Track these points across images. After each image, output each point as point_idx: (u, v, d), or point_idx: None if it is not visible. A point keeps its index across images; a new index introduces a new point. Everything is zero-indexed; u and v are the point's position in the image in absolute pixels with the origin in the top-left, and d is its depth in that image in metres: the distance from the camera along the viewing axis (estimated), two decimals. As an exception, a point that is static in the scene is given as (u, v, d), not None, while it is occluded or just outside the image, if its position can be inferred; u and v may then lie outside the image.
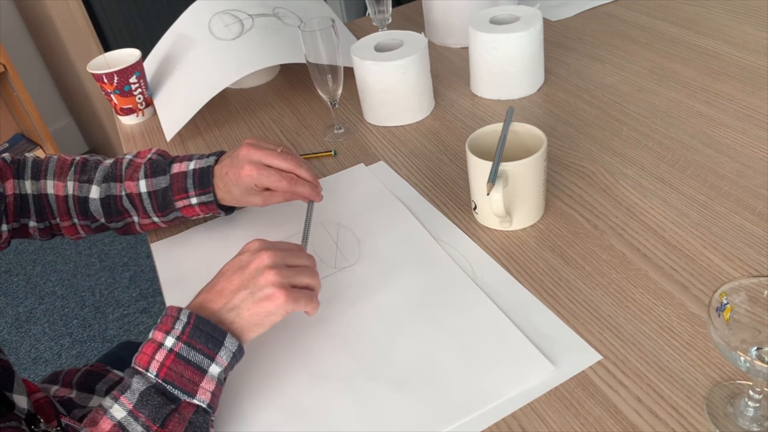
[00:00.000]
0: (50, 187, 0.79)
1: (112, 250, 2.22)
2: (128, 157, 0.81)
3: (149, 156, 0.81)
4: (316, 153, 0.98)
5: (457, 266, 0.72)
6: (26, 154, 0.82)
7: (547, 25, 1.23)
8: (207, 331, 0.58)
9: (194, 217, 0.81)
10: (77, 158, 0.81)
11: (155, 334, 0.59)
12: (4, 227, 0.78)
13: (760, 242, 0.68)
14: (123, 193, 0.79)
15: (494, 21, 1.01)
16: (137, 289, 2.03)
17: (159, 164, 0.79)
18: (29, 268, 2.21)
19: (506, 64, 0.99)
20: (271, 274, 0.60)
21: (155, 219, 0.80)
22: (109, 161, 0.81)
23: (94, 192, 0.79)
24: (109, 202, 0.79)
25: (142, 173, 0.78)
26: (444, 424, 0.56)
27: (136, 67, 1.11)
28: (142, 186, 0.78)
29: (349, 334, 0.66)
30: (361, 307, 0.69)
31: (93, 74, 1.10)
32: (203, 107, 1.10)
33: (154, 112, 1.18)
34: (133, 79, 1.11)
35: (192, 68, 1.12)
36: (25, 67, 2.55)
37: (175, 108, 1.10)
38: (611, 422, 0.54)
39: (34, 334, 1.94)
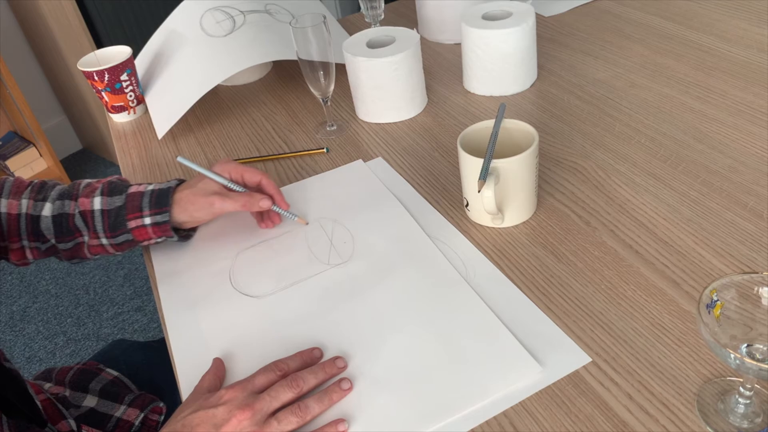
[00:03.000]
0: (3, 206, 0.77)
1: (107, 248, 2.22)
2: (87, 180, 0.80)
3: (108, 179, 0.80)
4: (309, 150, 0.97)
5: (449, 264, 0.72)
6: None
7: (540, 20, 1.22)
8: None
9: (145, 242, 0.78)
10: (35, 181, 0.80)
11: None
12: None
13: (751, 238, 0.68)
14: (76, 211, 0.76)
15: (486, 17, 1.01)
16: (131, 287, 2.03)
17: (117, 185, 0.78)
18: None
19: (499, 60, 0.98)
20: None
21: (104, 241, 0.77)
22: (66, 184, 0.80)
23: (47, 209, 0.77)
24: (61, 220, 0.76)
25: (98, 191, 0.77)
26: (429, 423, 0.56)
27: (127, 65, 1.10)
28: (96, 203, 0.76)
29: (339, 332, 0.66)
30: (351, 304, 0.69)
31: (84, 72, 1.09)
32: (195, 104, 1.10)
33: (146, 110, 1.18)
34: (124, 77, 1.11)
35: (183, 65, 1.11)
36: (18, 64, 2.53)
37: (167, 105, 1.09)
38: (602, 420, 0.54)
39: (28, 333, 1.93)
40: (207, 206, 0.75)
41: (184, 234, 0.80)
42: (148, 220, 0.75)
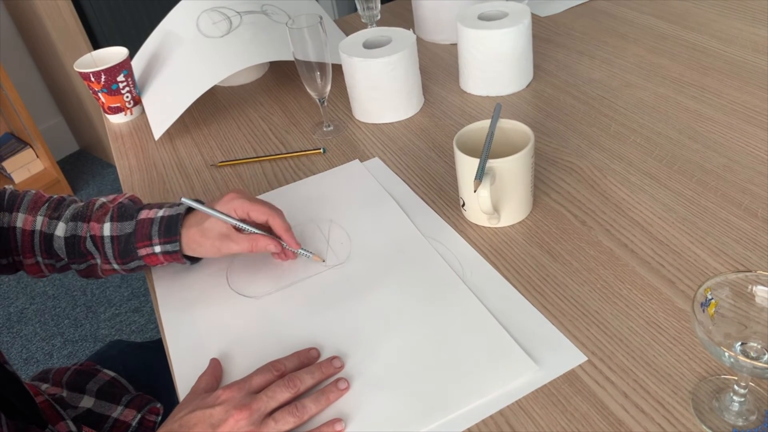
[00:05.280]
0: (20, 220, 0.76)
1: (104, 249, 2.21)
2: (102, 199, 0.78)
3: (121, 200, 0.77)
4: (305, 150, 0.97)
5: (446, 264, 0.72)
6: (6, 187, 0.79)
7: (536, 20, 1.23)
8: None
9: (157, 266, 0.77)
10: (54, 196, 0.79)
11: None
12: None
13: (746, 237, 0.69)
14: (87, 234, 0.75)
15: (482, 17, 1.01)
16: (129, 288, 2.03)
17: (127, 209, 0.75)
18: (20, 268, 2.20)
19: (495, 60, 0.99)
20: None
21: (115, 266, 0.75)
22: (82, 202, 0.78)
23: (60, 230, 0.75)
24: (73, 242, 0.75)
25: (108, 216, 0.74)
26: (426, 422, 0.56)
27: (124, 66, 1.10)
28: (106, 229, 0.74)
29: (336, 332, 0.66)
30: (348, 305, 0.69)
31: (80, 73, 1.09)
32: (192, 105, 1.10)
33: (143, 111, 1.18)
34: (120, 78, 1.11)
35: (180, 66, 1.11)
36: (15, 65, 2.53)
37: (164, 106, 1.09)
38: (598, 418, 0.55)
39: (26, 334, 1.93)
40: (213, 250, 0.72)
41: (197, 259, 0.79)
42: (158, 249, 0.73)
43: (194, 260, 0.78)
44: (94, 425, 0.80)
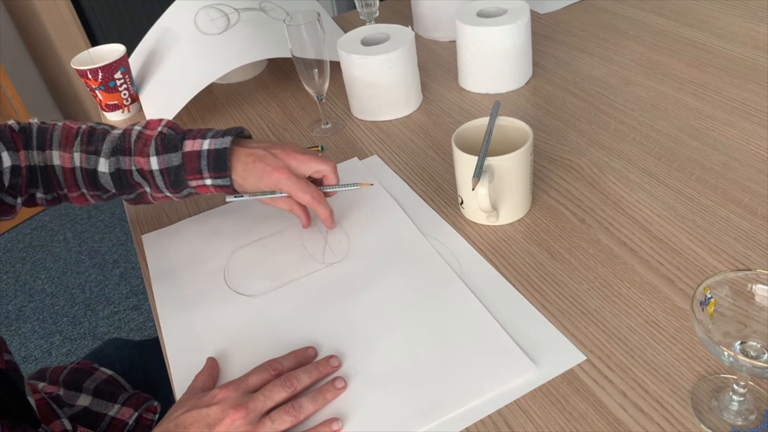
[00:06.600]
0: (56, 158, 0.75)
1: (102, 247, 2.21)
2: (137, 128, 0.76)
3: (159, 129, 0.75)
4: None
5: (444, 263, 0.71)
6: (31, 120, 0.78)
7: (535, 17, 1.22)
8: None
9: (208, 194, 0.78)
10: (83, 126, 0.77)
11: None
12: (19, 200, 0.76)
13: (746, 235, 0.68)
14: (133, 168, 0.74)
15: (481, 14, 1.00)
16: (127, 286, 2.02)
17: (170, 139, 0.74)
18: (18, 266, 2.19)
19: (494, 57, 0.98)
20: None
21: (168, 194, 0.76)
22: (117, 132, 0.76)
23: (103, 165, 0.75)
24: (119, 175, 0.75)
25: (152, 149, 0.74)
26: (423, 422, 0.56)
27: (121, 63, 1.10)
28: (153, 163, 0.74)
29: (334, 331, 0.66)
30: (346, 303, 0.69)
31: (77, 70, 1.09)
32: (189, 102, 1.10)
33: (140, 108, 1.17)
34: (118, 75, 1.10)
35: (178, 63, 1.11)
36: (12, 62, 2.52)
37: (161, 104, 1.09)
38: (596, 417, 0.54)
39: (24, 332, 1.93)
40: (273, 182, 0.73)
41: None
42: (209, 182, 0.74)
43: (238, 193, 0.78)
44: (91, 424, 0.80)
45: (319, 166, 0.75)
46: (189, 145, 0.74)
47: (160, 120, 0.77)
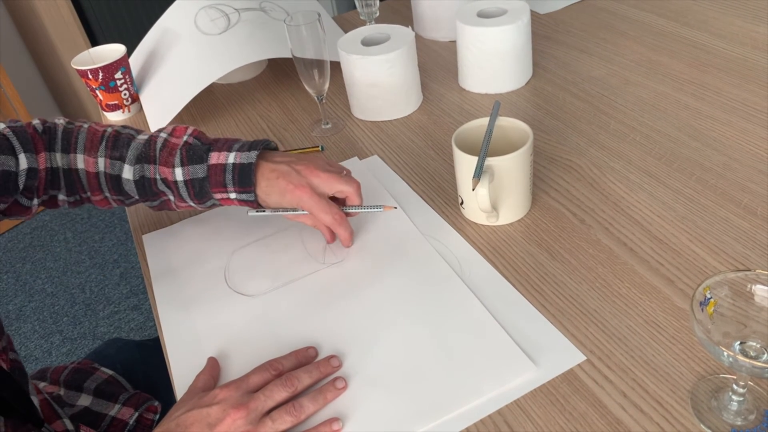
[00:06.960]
0: (80, 161, 0.76)
1: (102, 247, 2.21)
2: (163, 135, 0.75)
3: (185, 138, 0.75)
4: (303, 148, 0.97)
5: (444, 263, 0.72)
6: (56, 120, 0.78)
7: (535, 18, 1.22)
8: None
9: (232, 205, 0.78)
10: (109, 130, 0.77)
11: None
12: (35, 201, 0.75)
13: (745, 235, 0.68)
14: (158, 176, 0.74)
15: (481, 14, 1.00)
16: (128, 285, 2.02)
17: (196, 150, 0.73)
18: (18, 265, 2.20)
19: (494, 57, 0.98)
20: None
21: (192, 203, 0.76)
22: (142, 138, 0.76)
23: (127, 172, 0.75)
24: (143, 183, 0.75)
25: (177, 159, 0.73)
26: (424, 422, 0.56)
27: (122, 63, 1.10)
28: (178, 174, 0.73)
29: (334, 331, 0.66)
30: (347, 303, 0.69)
31: (77, 70, 1.09)
32: (190, 103, 1.10)
33: (140, 108, 1.17)
34: (118, 75, 1.10)
35: (178, 63, 1.11)
36: (13, 62, 2.52)
37: (162, 104, 1.09)
38: (596, 417, 0.54)
39: (24, 332, 1.93)
40: (295, 200, 0.72)
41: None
42: (233, 195, 0.74)
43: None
44: (91, 423, 0.80)
45: (343, 186, 0.73)
46: (215, 158, 0.73)
47: (186, 127, 0.76)
